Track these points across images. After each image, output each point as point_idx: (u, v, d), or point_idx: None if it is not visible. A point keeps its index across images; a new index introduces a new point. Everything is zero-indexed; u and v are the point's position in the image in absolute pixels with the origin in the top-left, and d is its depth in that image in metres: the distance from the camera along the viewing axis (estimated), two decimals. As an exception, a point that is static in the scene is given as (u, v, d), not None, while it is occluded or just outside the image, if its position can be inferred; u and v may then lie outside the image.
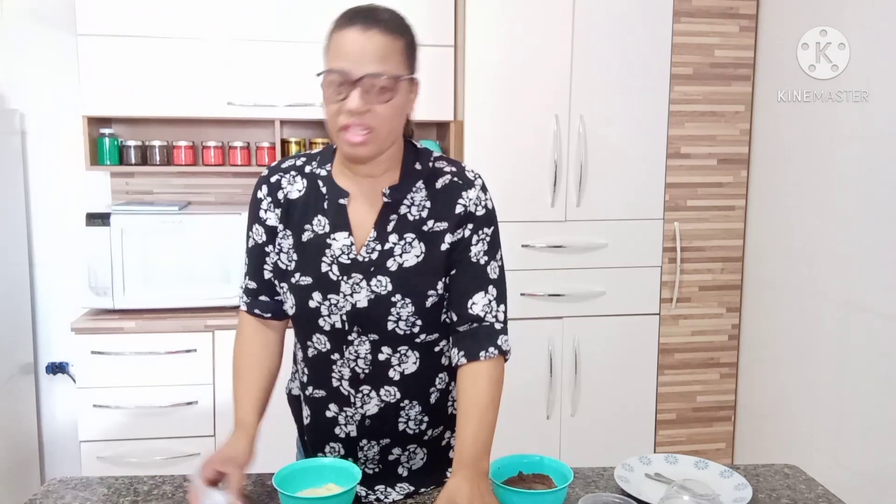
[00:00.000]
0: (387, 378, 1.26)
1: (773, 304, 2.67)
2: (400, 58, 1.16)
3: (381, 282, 1.22)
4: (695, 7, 2.68)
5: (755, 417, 2.80)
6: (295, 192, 1.28)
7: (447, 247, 1.24)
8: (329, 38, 1.18)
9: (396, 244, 1.23)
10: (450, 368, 1.32)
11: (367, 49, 1.13)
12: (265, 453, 1.30)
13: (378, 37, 1.13)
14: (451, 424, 1.36)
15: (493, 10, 2.57)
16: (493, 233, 1.28)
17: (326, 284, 1.23)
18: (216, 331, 2.50)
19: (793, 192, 2.55)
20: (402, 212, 1.24)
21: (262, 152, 2.75)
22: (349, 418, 1.29)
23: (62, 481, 1.36)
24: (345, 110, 1.13)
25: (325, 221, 1.24)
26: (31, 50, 2.78)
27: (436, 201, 1.25)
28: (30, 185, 2.84)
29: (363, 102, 1.13)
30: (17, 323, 2.75)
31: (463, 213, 1.24)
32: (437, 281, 1.24)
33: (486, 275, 1.26)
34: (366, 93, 1.12)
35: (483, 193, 1.27)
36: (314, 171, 1.28)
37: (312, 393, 1.31)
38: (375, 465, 1.32)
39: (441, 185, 1.26)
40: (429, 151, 1.30)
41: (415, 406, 1.29)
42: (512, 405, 2.64)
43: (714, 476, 1.35)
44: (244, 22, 2.59)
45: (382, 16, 1.16)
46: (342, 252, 1.23)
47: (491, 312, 1.25)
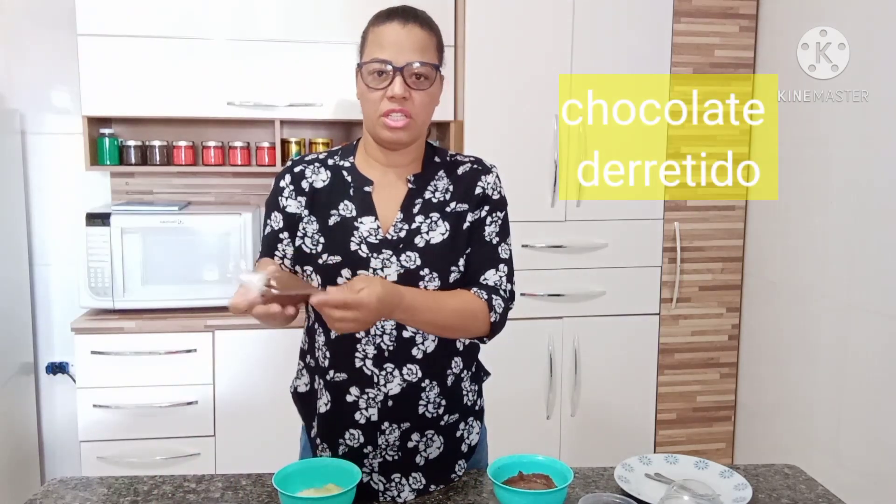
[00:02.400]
0: (410, 356, 1.30)
1: (773, 304, 2.67)
2: (435, 52, 1.30)
3: (411, 257, 1.29)
4: (695, 7, 2.68)
5: (755, 417, 2.80)
6: (319, 181, 1.34)
7: (468, 225, 1.33)
8: (367, 33, 1.30)
9: (423, 223, 1.31)
10: (463, 353, 1.37)
11: (408, 41, 1.25)
12: (266, 453, 1.30)
13: (417, 30, 1.26)
14: (466, 414, 1.40)
15: (493, 10, 2.58)
16: (504, 217, 1.38)
17: (356, 261, 1.28)
18: (216, 331, 2.50)
19: (793, 192, 2.55)
20: (427, 196, 1.33)
21: (262, 152, 2.75)
22: (371, 400, 1.30)
23: (62, 481, 1.36)
24: (388, 96, 1.24)
25: (352, 206, 1.32)
26: (31, 50, 2.78)
27: (458, 185, 1.35)
28: (30, 185, 2.84)
29: (404, 89, 1.24)
30: (17, 323, 2.75)
31: (481, 194, 1.36)
32: (459, 257, 1.32)
33: (498, 254, 1.35)
34: (407, 80, 1.24)
35: (499, 181, 1.39)
36: (338, 164, 1.36)
37: (333, 377, 1.32)
38: (395, 451, 1.33)
39: (462, 172, 1.37)
40: (444, 149, 1.42)
41: (434, 387, 1.33)
42: (512, 405, 2.66)
43: (714, 476, 1.35)
44: (244, 22, 2.59)
45: (420, 14, 1.29)
46: (370, 233, 1.30)
47: (501, 286, 1.34)
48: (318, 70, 2.63)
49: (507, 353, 2.26)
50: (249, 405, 2.51)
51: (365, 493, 1.32)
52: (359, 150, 1.37)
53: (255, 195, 2.95)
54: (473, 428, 1.42)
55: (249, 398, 2.52)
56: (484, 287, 1.31)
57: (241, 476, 1.38)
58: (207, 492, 1.32)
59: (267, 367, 2.50)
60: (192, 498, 1.30)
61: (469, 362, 1.40)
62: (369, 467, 1.33)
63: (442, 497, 1.33)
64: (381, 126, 1.27)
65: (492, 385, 1.50)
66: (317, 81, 2.63)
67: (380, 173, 1.34)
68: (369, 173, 1.34)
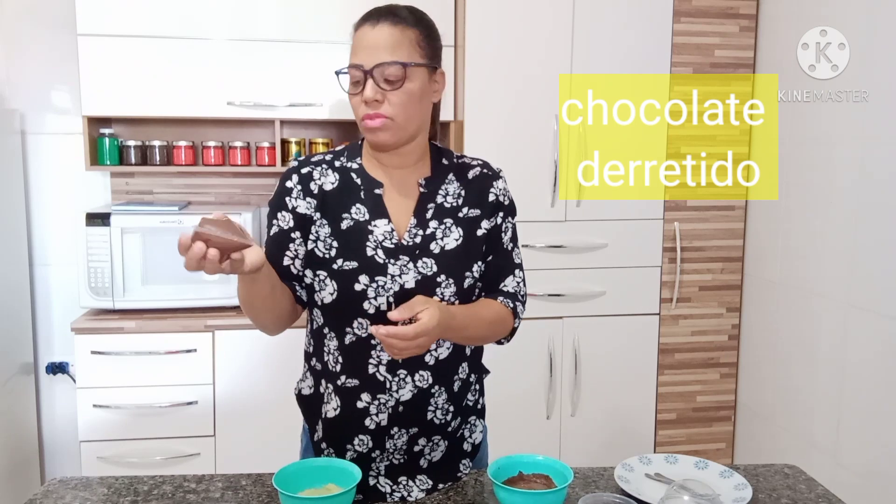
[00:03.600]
0: (423, 362, 1.30)
1: (773, 304, 2.67)
2: (412, 47, 1.25)
3: (427, 263, 1.29)
4: (695, 7, 2.68)
5: (755, 417, 2.80)
6: (328, 183, 1.32)
7: (483, 232, 1.34)
8: (351, 38, 1.29)
9: (437, 229, 1.31)
10: (470, 358, 1.38)
11: (377, 41, 1.23)
12: (266, 453, 1.30)
13: (387, 29, 1.23)
14: (468, 414, 1.41)
15: (493, 10, 2.58)
16: (514, 223, 1.41)
17: (373, 267, 1.27)
18: (216, 331, 2.50)
19: (793, 192, 2.55)
20: (439, 201, 1.33)
21: (262, 152, 2.75)
22: (382, 406, 1.30)
23: (62, 481, 1.36)
24: (362, 101, 1.24)
25: (364, 210, 1.30)
26: (31, 50, 2.78)
27: (469, 190, 1.35)
28: (30, 185, 2.83)
29: (375, 91, 1.22)
30: (17, 323, 2.75)
31: (495, 201, 1.37)
32: (473, 263, 1.33)
33: (513, 260, 1.39)
34: (378, 82, 1.22)
35: (506, 185, 1.40)
36: (345, 165, 1.34)
37: (345, 383, 1.31)
38: (402, 455, 1.33)
39: (472, 176, 1.37)
40: (450, 150, 1.41)
41: (442, 393, 1.33)
42: (512, 405, 2.66)
43: (714, 476, 1.35)
44: (244, 22, 2.59)
45: (396, 11, 1.26)
46: (385, 238, 1.28)
47: (520, 292, 1.38)
48: (318, 70, 2.63)
49: (507, 353, 2.23)
50: (249, 405, 2.52)
51: (372, 496, 1.32)
52: (365, 152, 1.36)
53: (255, 195, 2.95)
54: (476, 427, 1.42)
55: (249, 398, 2.52)
56: (506, 294, 1.36)
57: (241, 476, 1.38)
58: (207, 492, 1.32)
59: (267, 367, 2.50)
60: (192, 498, 1.30)
61: (474, 367, 1.41)
62: (376, 471, 1.33)
63: (442, 497, 1.33)
64: (364, 129, 1.27)
65: (492, 385, 1.50)
66: (317, 81, 2.63)
67: (387, 175, 1.33)
68: (377, 175, 1.32)
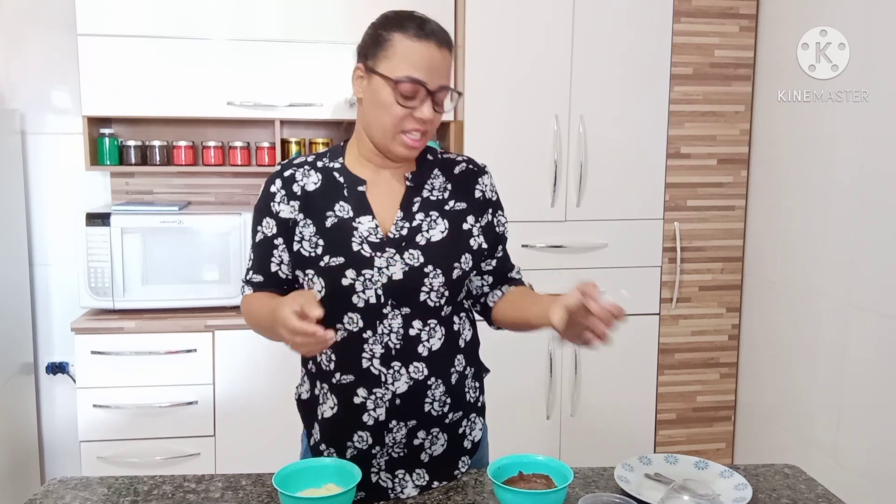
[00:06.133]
0: (416, 354, 1.31)
1: (773, 304, 2.67)
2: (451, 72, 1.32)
3: (414, 255, 1.30)
4: (695, 7, 2.68)
5: (755, 417, 2.80)
6: (311, 184, 1.33)
7: (469, 226, 1.36)
8: (391, 40, 1.25)
9: (423, 221, 1.33)
10: (466, 351, 1.39)
11: (442, 65, 1.27)
12: (266, 453, 1.30)
13: (448, 55, 1.28)
14: (468, 411, 1.41)
15: (493, 10, 2.58)
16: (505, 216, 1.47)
17: (359, 261, 1.28)
18: (216, 331, 2.50)
19: (793, 192, 2.55)
20: (425, 194, 1.35)
21: (262, 152, 2.75)
22: (379, 400, 1.30)
23: (62, 481, 1.36)
24: (415, 117, 1.26)
25: (348, 207, 1.31)
26: (31, 50, 2.78)
27: (455, 184, 1.38)
28: (30, 185, 2.84)
29: (432, 113, 1.27)
30: (17, 323, 2.75)
31: (482, 197, 1.39)
32: (461, 255, 1.33)
33: (507, 252, 1.47)
34: (435, 104, 1.27)
35: (492, 181, 1.43)
36: (327, 165, 1.36)
37: (340, 379, 1.32)
38: (402, 449, 1.34)
39: (458, 171, 1.40)
40: (434, 147, 1.44)
41: (439, 385, 1.33)
42: (512, 405, 2.66)
43: (714, 476, 1.35)
44: (244, 22, 2.59)
45: (445, 33, 1.29)
46: (370, 233, 1.30)
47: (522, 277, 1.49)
48: (318, 70, 2.63)
49: (507, 352, 2.25)
50: (249, 405, 2.52)
51: (375, 493, 1.33)
52: (349, 151, 1.36)
53: (255, 195, 2.91)
54: (476, 424, 1.43)
55: (249, 398, 2.52)
56: (518, 281, 1.46)
57: (241, 476, 1.38)
58: (207, 492, 1.32)
59: (267, 368, 2.50)
60: (192, 498, 1.30)
61: (471, 360, 1.41)
62: (377, 466, 1.34)
63: (442, 497, 1.33)
64: (398, 142, 1.28)
65: (492, 384, 1.50)
66: (317, 81, 2.63)
67: (373, 172, 1.34)
68: (361, 173, 1.34)
